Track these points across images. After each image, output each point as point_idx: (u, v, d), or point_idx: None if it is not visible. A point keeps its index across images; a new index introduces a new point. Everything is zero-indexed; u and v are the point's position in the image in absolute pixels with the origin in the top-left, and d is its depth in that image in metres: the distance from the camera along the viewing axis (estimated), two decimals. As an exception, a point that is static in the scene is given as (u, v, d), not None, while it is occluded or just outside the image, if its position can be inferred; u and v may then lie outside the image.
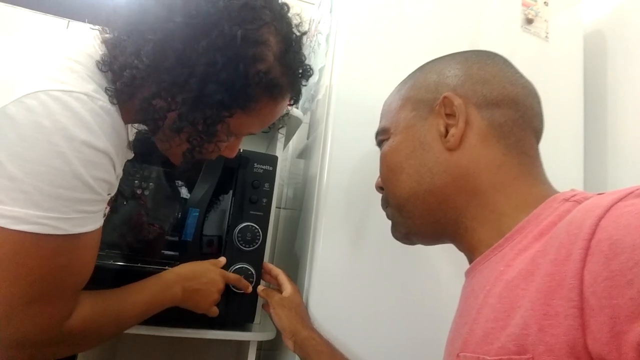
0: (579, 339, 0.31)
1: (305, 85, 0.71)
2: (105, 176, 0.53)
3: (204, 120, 0.58)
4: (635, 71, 1.07)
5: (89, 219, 0.53)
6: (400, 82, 0.63)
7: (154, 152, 0.67)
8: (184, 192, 0.92)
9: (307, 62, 0.69)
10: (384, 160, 0.59)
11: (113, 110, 0.54)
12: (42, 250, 0.49)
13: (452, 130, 0.51)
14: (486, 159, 0.49)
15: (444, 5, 0.96)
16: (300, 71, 0.67)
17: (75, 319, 0.56)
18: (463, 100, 0.51)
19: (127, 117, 0.59)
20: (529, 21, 1.00)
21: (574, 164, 1.04)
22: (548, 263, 0.36)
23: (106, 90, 0.55)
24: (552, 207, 0.44)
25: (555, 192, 0.48)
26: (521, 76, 0.54)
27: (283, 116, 0.73)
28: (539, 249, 0.39)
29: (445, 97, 0.52)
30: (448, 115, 0.52)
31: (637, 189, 0.34)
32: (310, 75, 0.70)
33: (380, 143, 0.61)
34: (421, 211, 0.53)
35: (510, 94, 0.51)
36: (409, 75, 0.62)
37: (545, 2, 1.03)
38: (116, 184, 0.59)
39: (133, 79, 0.55)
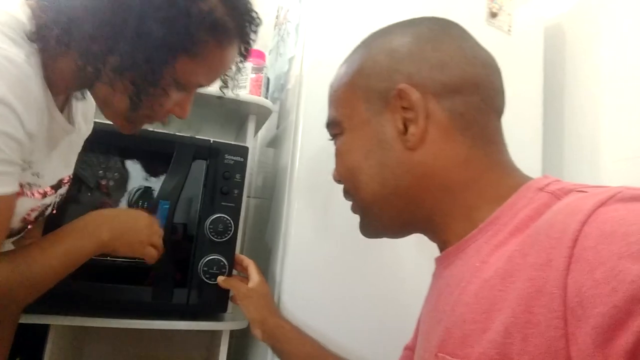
0: (562, 350, 0.30)
1: (255, 32, 0.65)
2: (7, 129, 0.48)
3: (146, 61, 0.54)
4: (592, 63, 1.12)
5: None
6: (346, 60, 0.55)
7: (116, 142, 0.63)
8: (152, 180, 0.91)
9: (254, 8, 0.64)
10: (341, 159, 0.53)
11: (23, 63, 0.50)
12: None
13: (411, 129, 0.46)
14: (451, 155, 0.46)
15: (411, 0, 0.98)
16: (247, 16, 0.63)
17: None
18: (420, 92, 0.46)
19: (62, 81, 0.56)
20: (493, 15, 1.02)
21: (533, 153, 1.08)
22: (528, 267, 0.35)
23: (30, 36, 0.51)
24: (526, 197, 0.42)
25: (526, 178, 0.46)
26: (480, 50, 0.50)
27: (235, 73, 0.69)
28: (516, 248, 0.38)
29: (400, 90, 0.46)
30: (405, 109, 0.46)
31: (619, 192, 0.33)
32: (259, 23, 0.65)
33: (333, 136, 0.55)
34: (388, 213, 0.50)
35: (471, 77, 0.47)
36: (354, 52, 0.54)
37: (508, -4, 1.06)
38: (32, 148, 0.54)
39: (69, 22, 0.52)
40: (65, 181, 0.67)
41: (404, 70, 0.47)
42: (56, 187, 0.63)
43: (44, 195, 0.58)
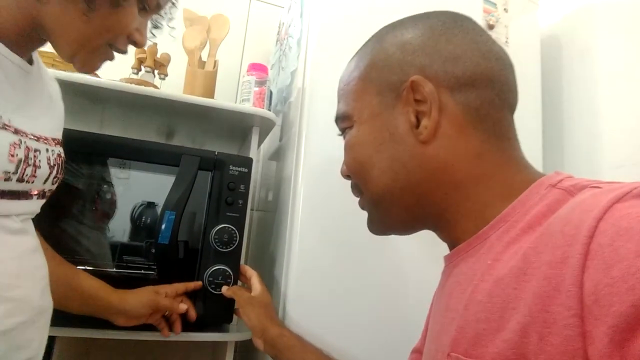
0: (579, 350, 0.29)
1: None
2: None
3: None
4: (586, 72, 1.14)
5: None
6: (357, 54, 0.54)
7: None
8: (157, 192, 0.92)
9: None
10: (351, 152, 0.52)
11: None
12: None
13: (424, 121, 0.45)
14: (464, 150, 0.45)
15: (411, 11, 1.00)
16: None
17: None
18: (434, 84, 0.45)
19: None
20: (491, 27, 1.05)
21: (532, 161, 1.09)
22: (543, 264, 0.34)
23: None
24: (538, 193, 0.41)
25: (538, 175, 0.46)
26: (493, 44, 0.49)
27: (171, 7, 0.68)
28: (530, 245, 0.37)
29: (413, 82, 0.45)
30: (418, 101, 0.46)
31: (635, 188, 0.33)
32: None
33: (342, 130, 0.54)
34: (398, 208, 0.49)
35: (485, 71, 0.46)
36: (365, 45, 0.54)
37: (505, 9, 1.09)
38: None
39: None
40: (47, 139, 0.62)
41: (417, 63, 0.47)
42: (33, 136, 0.58)
43: (15, 131, 0.54)
